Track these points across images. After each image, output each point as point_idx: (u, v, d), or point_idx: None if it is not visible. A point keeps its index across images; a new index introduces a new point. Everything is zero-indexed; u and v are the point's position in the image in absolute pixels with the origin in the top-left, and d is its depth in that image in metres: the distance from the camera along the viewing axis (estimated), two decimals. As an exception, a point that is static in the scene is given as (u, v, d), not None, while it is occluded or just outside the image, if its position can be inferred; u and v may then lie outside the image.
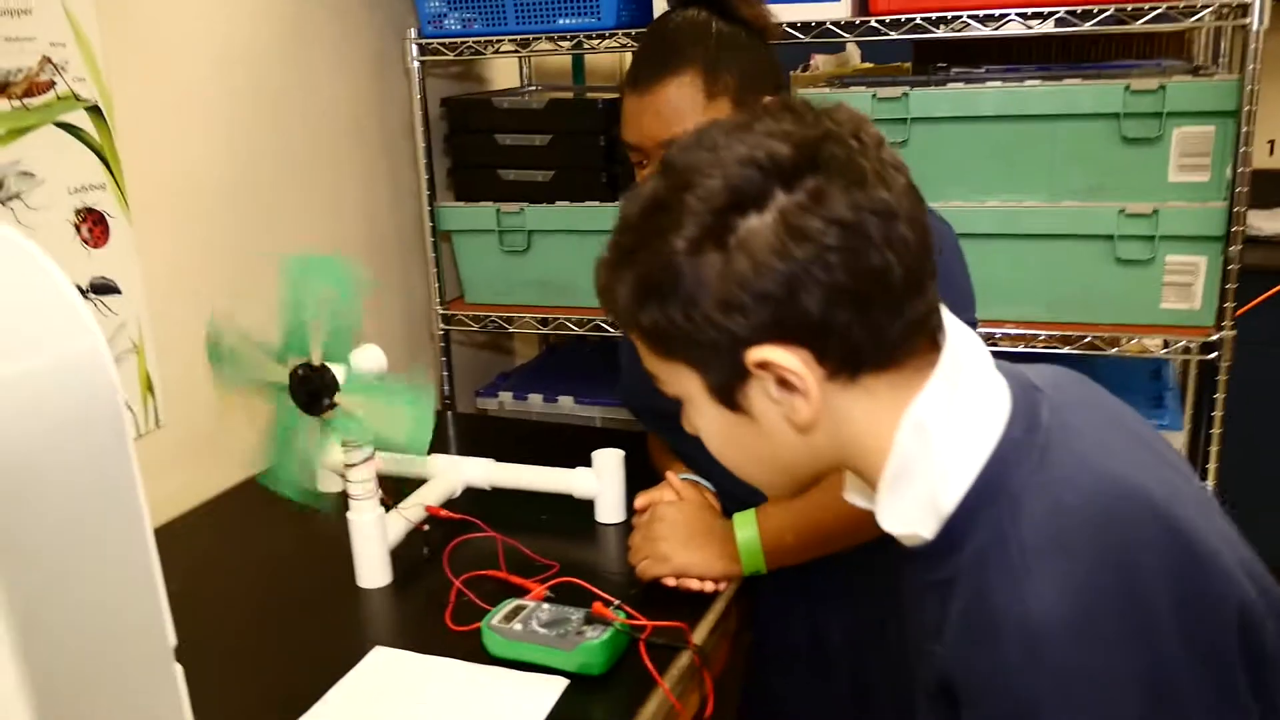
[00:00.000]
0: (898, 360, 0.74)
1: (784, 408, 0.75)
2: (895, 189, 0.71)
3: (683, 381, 0.78)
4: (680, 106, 1.23)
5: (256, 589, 1.35)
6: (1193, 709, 0.66)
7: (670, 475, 1.36)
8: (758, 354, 0.72)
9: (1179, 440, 1.75)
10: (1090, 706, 0.65)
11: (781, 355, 0.72)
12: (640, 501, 1.35)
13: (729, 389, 0.76)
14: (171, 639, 0.60)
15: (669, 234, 0.72)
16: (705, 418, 0.80)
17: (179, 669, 0.61)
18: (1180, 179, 1.62)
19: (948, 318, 0.77)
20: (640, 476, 1.46)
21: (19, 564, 0.49)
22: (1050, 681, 0.66)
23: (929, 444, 0.74)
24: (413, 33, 1.97)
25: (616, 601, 1.18)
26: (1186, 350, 1.67)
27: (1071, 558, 0.67)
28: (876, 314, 0.71)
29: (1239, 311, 1.66)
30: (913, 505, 0.75)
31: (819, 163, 0.70)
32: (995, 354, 0.80)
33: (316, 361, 1.20)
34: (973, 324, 1.20)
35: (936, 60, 2.32)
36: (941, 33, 1.64)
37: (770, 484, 0.84)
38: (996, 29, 1.63)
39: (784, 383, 0.73)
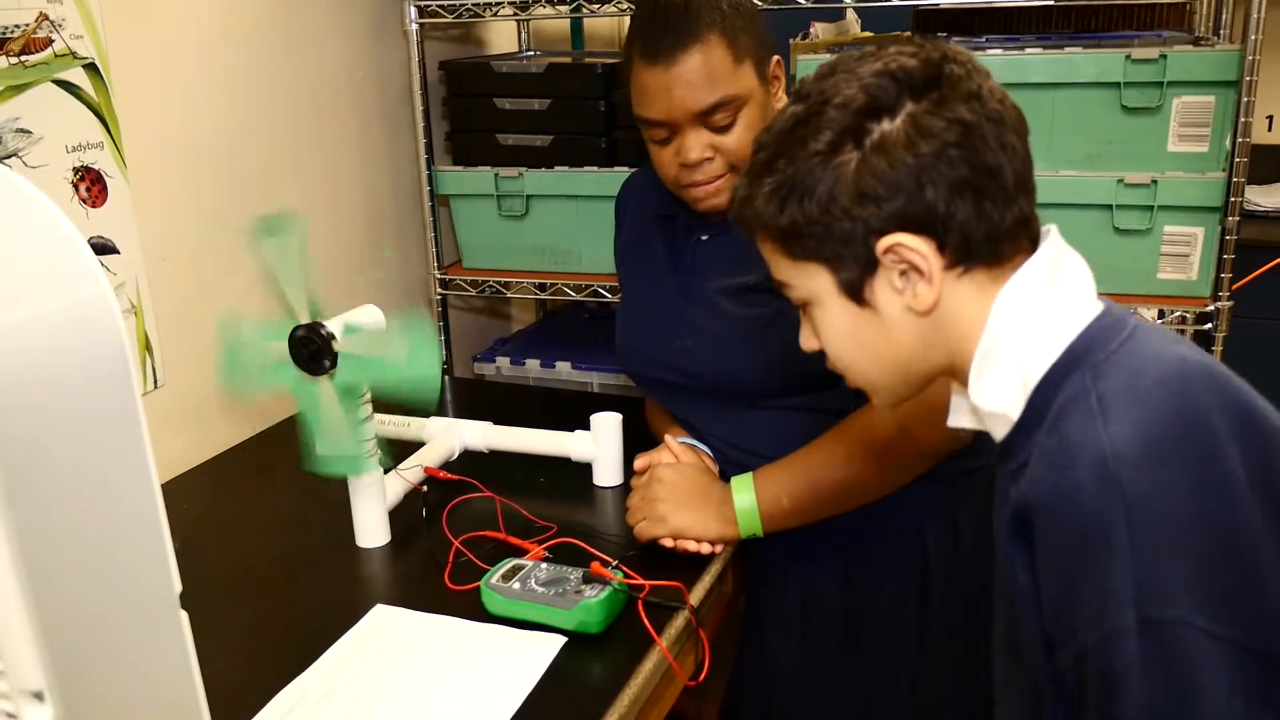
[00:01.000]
0: (1003, 255, 0.82)
1: (906, 297, 0.82)
2: (1006, 105, 0.82)
3: (813, 281, 0.85)
4: (713, 72, 1.21)
5: (257, 548, 1.36)
6: (1257, 555, 0.71)
7: (668, 438, 1.37)
8: (889, 240, 0.80)
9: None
10: (1155, 535, 0.70)
11: (910, 240, 0.80)
12: (639, 463, 1.36)
13: (858, 282, 0.83)
14: (177, 585, 0.60)
15: (809, 140, 0.81)
16: (831, 316, 0.87)
17: (184, 615, 0.62)
18: (1179, 149, 1.62)
19: (1056, 238, 0.84)
20: (637, 440, 1.47)
21: (27, 506, 0.50)
22: (1120, 505, 0.71)
23: (1020, 321, 0.81)
24: (411, -5, 1.96)
25: (614, 562, 1.19)
26: (1183, 320, 1.68)
27: (1146, 406, 0.74)
28: (989, 207, 0.80)
29: (1235, 286, 1.67)
30: (1002, 379, 0.83)
31: (941, 78, 0.80)
32: None
33: (306, 319, 1.20)
34: None
35: (937, 30, 2.31)
36: (943, 1, 1.63)
37: (883, 383, 0.90)
38: (999, -4, 1.63)
39: (907, 272, 0.82)
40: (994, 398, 0.83)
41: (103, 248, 1.46)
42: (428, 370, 1.17)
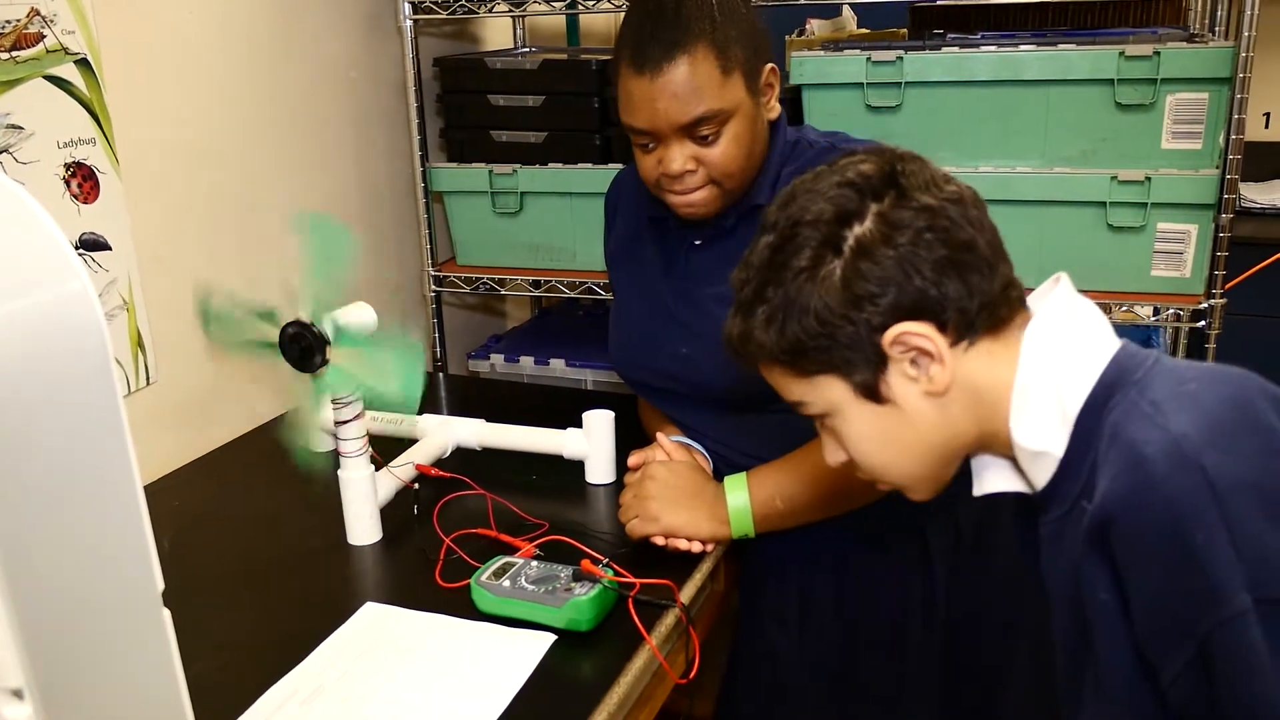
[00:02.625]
0: (1003, 319, 0.85)
1: (922, 382, 0.85)
2: (958, 185, 0.87)
3: (827, 393, 0.89)
4: (699, 85, 1.19)
5: (247, 545, 1.36)
6: None
7: (660, 436, 1.37)
8: (892, 333, 0.84)
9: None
10: (1246, 507, 0.71)
11: (914, 327, 0.84)
12: (633, 460, 1.36)
13: (872, 382, 0.86)
14: (159, 583, 0.60)
15: (790, 261, 0.86)
16: (852, 423, 0.89)
17: (167, 614, 0.61)
18: (1173, 146, 1.62)
19: (1066, 283, 0.88)
20: (630, 438, 1.46)
21: (6, 502, 0.50)
22: (1205, 485, 0.72)
23: (1051, 358, 0.84)
24: (405, -9, 1.96)
25: (605, 559, 1.19)
26: (1177, 318, 1.68)
27: (1198, 401, 0.77)
28: (975, 279, 0.83)
29: (1229, 284, 1.67)
30: (1042, 415, 0.84)
31: (895, 174, 0.86)
32: None
33: (307, 318, 1.20)
34: None
35: (932, 27, 2.31)
36: (938, -4, 1.63)
37: (919, 474, 0.92)
38: (993, -7, 1.62)
39: (916, 359, 0.85)
40: (1037, 435, 0.85)
41: (94, 244, 1.46)
42: (410, 400, 1.19)
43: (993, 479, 0.92)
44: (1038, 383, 0.84)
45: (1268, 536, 0.71)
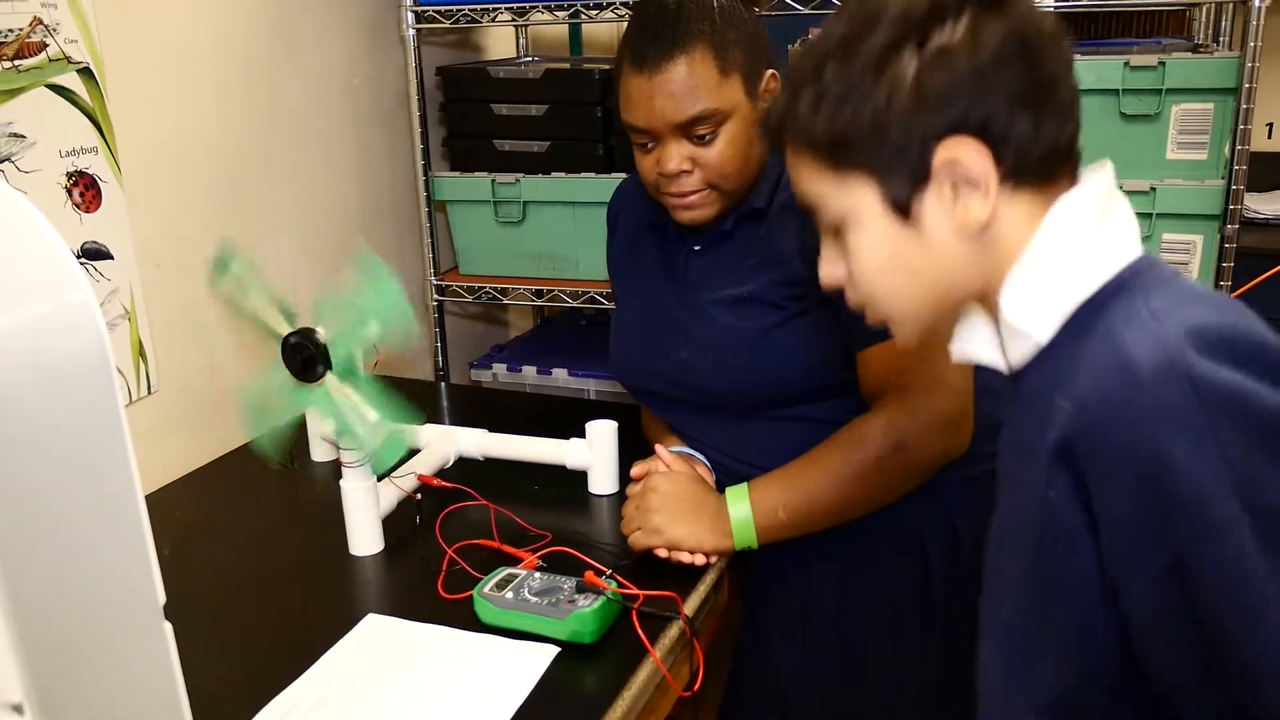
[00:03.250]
0: (1052, 177, 0.79)
1: (957, 213, 0.79)
2: (1056, 24, 0.80)
3: (853, 196, 0.82)
4: (696, 84, 1.20)
5: (249, 555, 1.35)
6: None
7: (659, 448, 1.36)
8: (949, 146, 0.77)
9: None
10: (1235, 421, 0.67)
11: (970, 146, 0.77)
12: (636, 471, 1.35)
13: (906, 197, 0.80)
14: (161, 596, 0.59)
15: (863, 48, 0.78)
16: (869, 237, 0.83)
17: (168, 626, 0.61)
18: (1178, 156, 1.62)
19: (1110, 175, 0.81)
20: (633, 449, 1.46)
21: (8, 515, 0.49)
22: (1191, 390, 0.67)
23: (1070, 240, 0.78)
24: (408, 0, 1.95)
25: (608, 571, 1.18)
26: (1181, 329, 1.67)
27: (1200, 319, 0.71)
28: (1048, 120, 0.77)
29: (1235, 293, 1.66)
30: (1039, 294, 0.79)
31: None
32: None
33: (319, 333, 1.20)
34: None
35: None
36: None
37: (913, 311, 0.86)
38: (997, 3, 1.62)
39: (958, 186, 0.79)
40: (1025, 313, 0.80)
41: (96, 253, 1.45)
42: (389, 455, 1.20)
43: (973, 343, 0.87)
44: (1047, 259, 0.79)
45: (1256, 456, 0.66)
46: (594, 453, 1.45)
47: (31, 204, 0.53)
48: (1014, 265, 0.80)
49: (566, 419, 1.55)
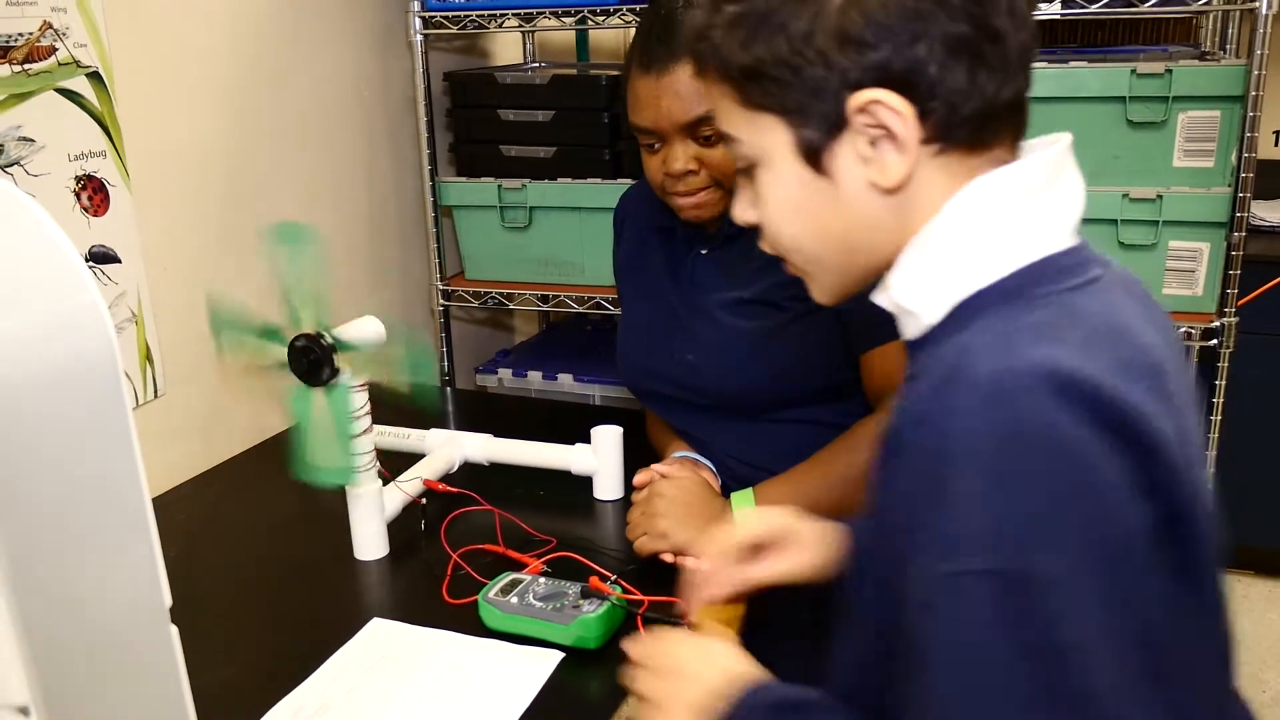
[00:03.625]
0: (985, 140, 0.72)
1: (872, 169, 0.72)
2: None
3: (765, 137, 0.75)
4: (700, 86, 1.21)
5: (254, 559, 1.35)
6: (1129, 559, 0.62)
7: (659, 466, 1.35)
8: (866, 95, 0.69)
9: (1178, 426, 1.75)
10: (1022, 480, 0.61)
11: (890, 96, 0.69)
12: (640, 478, 1.35)
13: (818, 144, 0.73)
14: (167, 599, 0.59)
15: None
16: (778, 181, 0.76)
17: (174, 630, 0.61)
18: (1185, 164, 1.62)
19: (1063, 149, 0.74)
20: (639, 454, 1.46)
21: (15, 518, 0.49)
22: (994, 436, 0.61)
23: (980, 220, 0.71)
24: (416, 5, 1.96)
25: (613, 576, 1.18)
26: (1188, 336, 1.67)
27: (1061, 348, 0.64)
28: (984, 77, 0.69)
29: (1241, 302, 1.66)
30: (934, 273, 0.72)
31: None
32: None
33: (311, 330, 1.20)
34: None
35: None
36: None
37: (825, 266, 0.79)
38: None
39: (877, 141, 0.71)
40: (913, 291, 0.73)
41: (104, 257, 1.46)
42: (426, 374, 1.19)
43: (884, 296, 0.79)
44: (949, 238, 0.71)
45: (1045, 523, 0.60)
46: (599, 458, 1.45)
47: (41, 207, 0.53)
48: (911, 242, 0.73)
49: (572, 424, 1.56)
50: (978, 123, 0.71)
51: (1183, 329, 1.67)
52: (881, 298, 0.78)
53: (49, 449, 0.51)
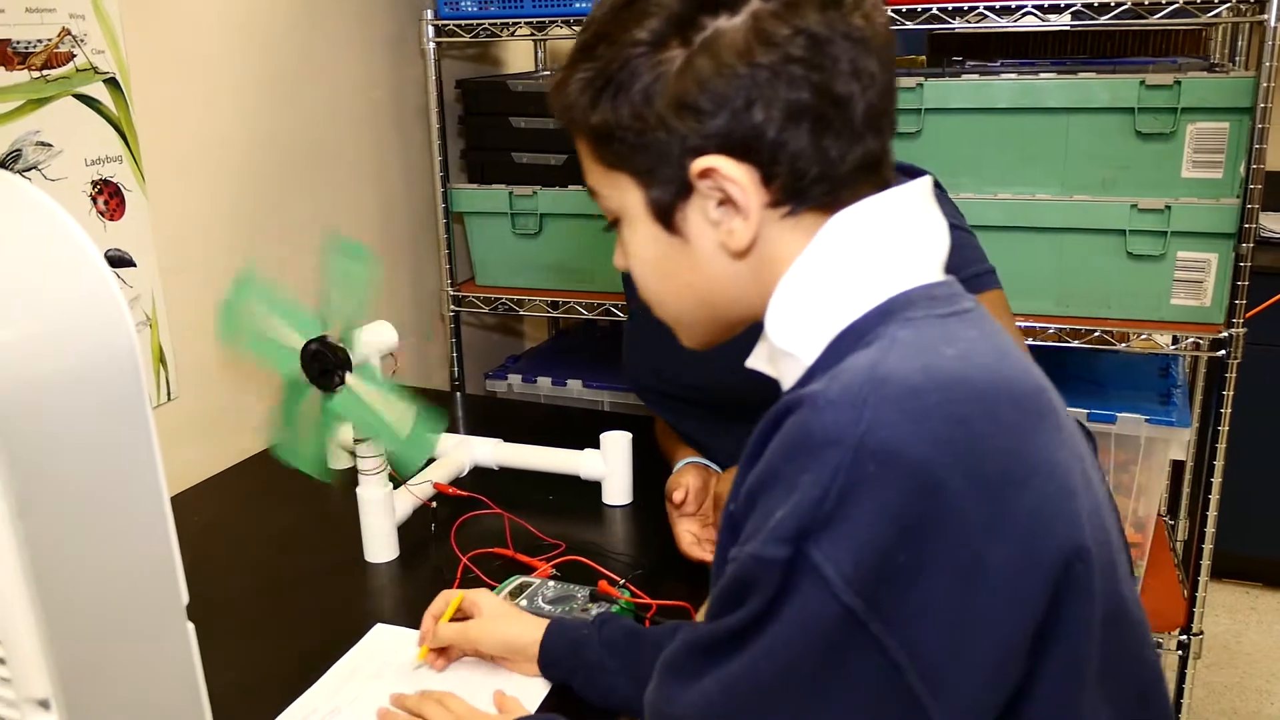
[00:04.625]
0: (841, 200, 0.72)
1: (720, 231, 0.72)
2: (873, 21, 0.70)
3: (623, 194, 0.76)
4: None
5: (265, 561, 1.36)
6: (957, 580, 0.61)
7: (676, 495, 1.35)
8: (704, 162, 0.70)
9: (1186, 437, 1.75)
10: (867, 486, 0.60)
11: (730, 166, 0.70)
12: (678, 496, 1.33)
13: (669, 206, 0.73)
14: (184, 596, 0.60)
15: (633, 27, 0.70)
16: (638, 238, 0.77)
17: (191, 626, 0.62)
18: (1194, 175, 1.62)
19: (921, 188, 0.73)
20: (648, 460, 1.46)
21: (37, 515, 0.50)
22: (853, 431, 0.61)
23: (845, 257, 0.71)
24: (429, 14, 1.97)
25: (622, 580, 1.19)
26: (1196, 347, 1.67)
27: (934, 364, 0.64)
28: (830, 142, 0.69)
29: (1250, 313, 1.66)
30: (807, 314, 0.72)
31: None
32: None
33: (335, 339, 1.21)
34: (993, 270, 1.20)
35: (951, 54, 2.32)
36: (957, 24, 1.64)
37: (688, 320, 0.81)
38: (1014, 21, 1.63)
39: (724, 202, 0.72)
40: (790, 335, 0.72)
41: (120, 260, 1.47)
42: (418, 454, 1.20)
43: (756, 359, 0.80)
44: (818, 276, 0.71)
45: (862, 525, 0.60)
46: (608, 463, 1.46)
47: (65, 211, 0.54)
48: (778, 286, 0.73)
49: (581, 430, 1.56)
50: (828, 185, 0.71)
51: (1190, 340, 1.67)
52: (760, 350, 0.79)
53: (72, 447, 0.52)
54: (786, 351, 0.73)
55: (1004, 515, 0.61)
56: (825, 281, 0.71)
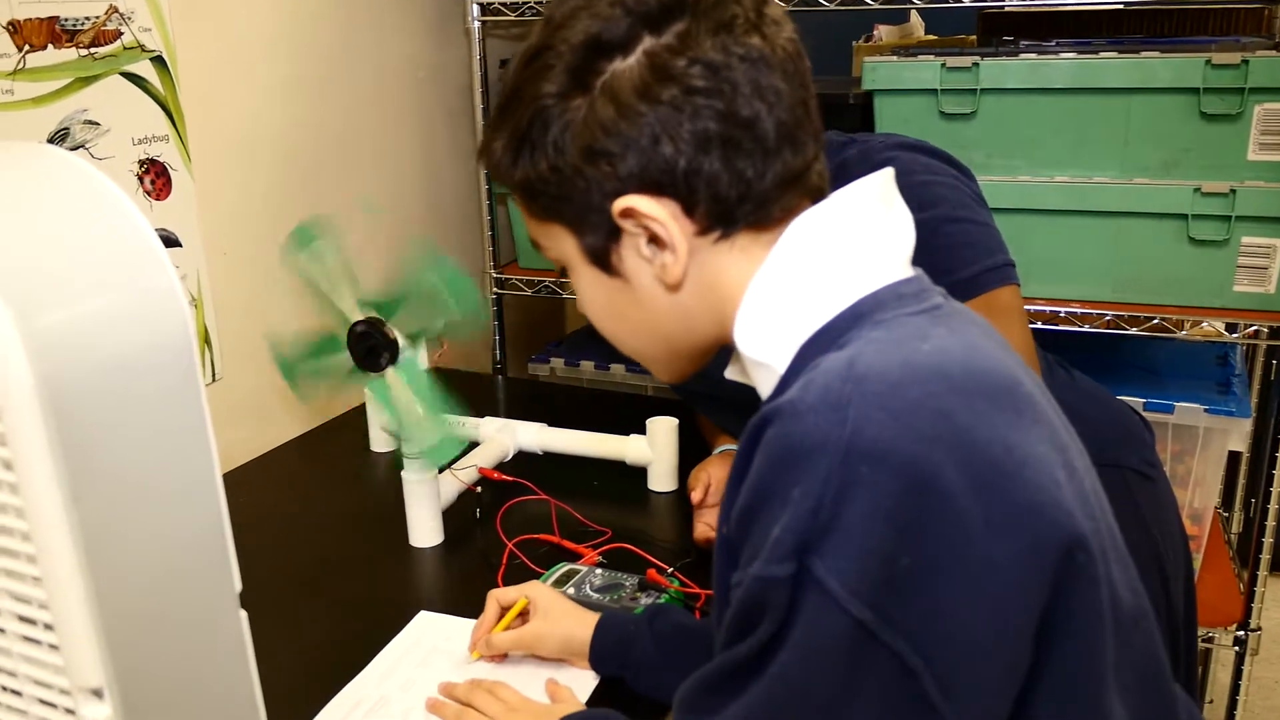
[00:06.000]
0: (773, 217, 0.71)
1: (654, 267, 0.73)
2: (771, 39, 0.70)
3: (560, 244, 0.76)
4: None
5: (309, 545, 1.36)
6: (951, 576, 0.59)
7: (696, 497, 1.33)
8: (622, 203, 0.70)
9: (1246, 427, 1.70)
10: (857, 489, 0.59)
11: (646, 204, 0.70)
12: (695, 497, 1.32)
13: (603, 250, 0.74)
14: (237, 583, 0.59)
15: (539, 81, 0.71)
16: (584, 283, 0.78)
17: (244, 614, 0.61)
18: (1260, 158, 1.57)
19: (876, 183, 0.72)
20: (693, 446, 1.44)
21: (92, 502, 0.49)
22: (839, 433, 0.60)
23: (806, 264, 0.70)
24: (474, -8, 1.95)
25: (670, 569, 1.17)
26: (1257, 335, 1.63)
27: (912, 360, 0.63)
28: (744, 164, 0.69)
29: (1313, 299, 1.61)
30: (774, 322, 0.71)
31: (687, 6, 0.69)
32: (1058, 333, 0.75)
33: (393, 335, 1.20)
34: (1010, 264, 1.14)
35: (1002, 33, 2.27)
36: (1016, 1, 1.60)
37: (651, 356, 0.81)
38: (1073, -2, 1.59)
39: (654, 239, 0.72)
40: (760, 344, 0.71)
41: (166, 240, 1.47)
42: (436, 459, 1.19)
43: (736, 370, 0.79)
44: (781, 286, 0.70)
45: (857, 527, 0.58)
46: (655, 449, 1.44)
47: (124, 193, 0.52)
48: (739, 306, 0.72)
49: (624, 414, 1.55)
50: (753, 204, 0.70)
51: (1253, 327, 1.62)
52: (734, 364, 0.78)
53: (127, 431, 0.51)
54: (758, 361, 0.72)
55: (1001, 508, 0.60)
56: (790, 289, 0.71)
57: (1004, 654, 0.61)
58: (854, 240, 0.70)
